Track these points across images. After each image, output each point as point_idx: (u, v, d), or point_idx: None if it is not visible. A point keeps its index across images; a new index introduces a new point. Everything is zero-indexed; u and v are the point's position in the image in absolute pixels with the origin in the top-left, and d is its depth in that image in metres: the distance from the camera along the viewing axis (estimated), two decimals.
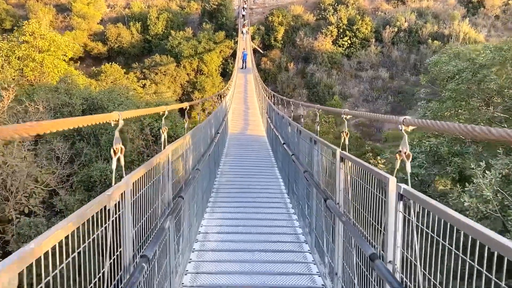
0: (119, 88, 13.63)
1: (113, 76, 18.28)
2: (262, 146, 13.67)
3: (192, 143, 5.26)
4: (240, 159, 11.47)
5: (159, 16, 45.10)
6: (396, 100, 35.79)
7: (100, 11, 47.87)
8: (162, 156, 3.58)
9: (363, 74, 38.38)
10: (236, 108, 21.45)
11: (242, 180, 9.11)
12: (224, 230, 5.93)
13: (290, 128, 7.72)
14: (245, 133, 16.56)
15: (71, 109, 11.29)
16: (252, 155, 12.25)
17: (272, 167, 10.40)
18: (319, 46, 39.61)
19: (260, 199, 7.64)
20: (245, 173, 9.80)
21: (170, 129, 9.71)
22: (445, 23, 39.26)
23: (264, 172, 9.93)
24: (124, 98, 12.69)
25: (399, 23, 39.99)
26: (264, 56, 41.43)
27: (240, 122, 18.70)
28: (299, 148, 6.47)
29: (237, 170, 10.05)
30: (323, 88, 36.64)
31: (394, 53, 38.81)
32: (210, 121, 8.00)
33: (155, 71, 37.68)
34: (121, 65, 43.57)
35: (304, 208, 5.74)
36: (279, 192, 8.15)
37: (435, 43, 37.14)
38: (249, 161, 11.22)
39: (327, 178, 4.30)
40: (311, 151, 5.26)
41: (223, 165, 10.26)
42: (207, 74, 39.01)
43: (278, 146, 9.66)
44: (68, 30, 46.01)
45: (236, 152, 12.39)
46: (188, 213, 4.84)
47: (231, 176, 9.25)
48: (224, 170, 9.79)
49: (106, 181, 10.08)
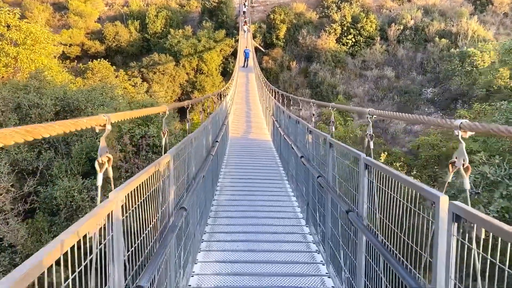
0: (101, 87, 12.13)
1: (101, 74, 16.63)
2: (268, 154, 12.14)
3: (176, 167, 3.67)
4: (243, 170, 9.84)
5: (158, 14, 44.00)
6: (403, 100, 34.62)
7: (97, 9, 46.80)
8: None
9: (368, 73, 37.19)
10: (238, 109, 20.22)
11: (245, 199, 7.48)
12: (223, 270, 4.62)
13: (311, 137, 5.92)
14: (248, 137, 15.12)
15: (41, 111, 9.52)
16: (257, 165, 10.58)
17: (281, 180, 8.95)
18: (322, 44, 38.44)
19: (269, 227, 6.05)
20: (249, 188, 8.22)
21: (156, 137, 8.22)
22: (453, 21, 38.06)
23: (272, 187, 8.36)
24: (107, 98, 11.23)
25: (405, 20, 38.80)
26: (265, 55, 40.27)
27: (242, 124, 17.33)
28: (334, 180, 4.53)
29: (240, 186, 8.43)
30: (327, 87, 35.48)
31: (400, 52, 37.61)
32: (207, 127, 6.51)
33: (154, 70, 36.59)
34: (119, 64, 42.89)
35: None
36: (294, 217, 6.53)
37: (443, 41, 35.95)
38: (254, 173, 9.56)
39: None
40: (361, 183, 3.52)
41: (223, 178, 8.85)
42: (207, 73, 37.89)
43: (289, 156, 8.29)
44: (65, 28, 44.99)
45: (238, 162, 10.75)
46: None
47: (232, 194, 7.77)
48: (224, 185, 8.36)
49: (73, 205, 8.05)
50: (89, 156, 8.39)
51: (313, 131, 5.24)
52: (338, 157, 4.24)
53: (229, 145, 12.82)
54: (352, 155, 3.71)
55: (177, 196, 3.71)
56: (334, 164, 4.42)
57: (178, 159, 3.70)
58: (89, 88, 11.95)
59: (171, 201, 3.38)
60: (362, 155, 3.40)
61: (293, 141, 7.78)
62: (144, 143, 8.05)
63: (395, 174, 2.68)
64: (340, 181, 4.20)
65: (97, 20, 47.36)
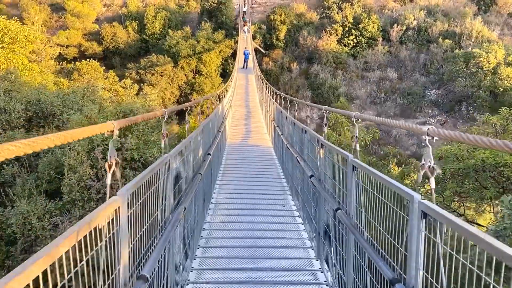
0: (82, 89, 11.07)
1: (90, 75, 15.56)
2: (269, 162, 10.92)
3: None
4: (241, 183, 8.60)
5: (157, 15, 43.33)
6: (406, 102, 33.90)
7: (95, 10, 46.15)
8: None
9: (370, 74, 36.48)
10: (237, 112, 19.33)
11: (244, 221, 6.31)
12: None
13: (323, 152, 4.66)
14: (247, 142, 14.03)
15: (9, 117, 8.27)
16: (257, 176, 9.33)
17: (283, 195, 7.85)
18: (323, 45, 37.72)
19: (271, 260, 4.93)
20: (247, 207, 6.98)
21: (135, 150, 7.01)
22: (456, 21, 37.35)
23: (274, 205, 7.19)
24: (88, 102, 10.15)
25: (408, 21, 38.08)
26: (265, 56, 39.56)
27: (240, 128, 16.29)
28: (359, 214, 3.70)
29: (237, 203, 7.21)
30: (328, 89, 34.75)
31: (402, 53, 36.89)
32: (197, 138, 5.40)
33: (151, 72, 35.89)
34: (117, 66, 42.23)
35: None
36: (301, 247, 5.38)
37: (446, 42, 35.23)
38: (253, 187, 8.28)
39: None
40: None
41: (217, 193, 7.67)
42: (206, 75, 37.17)
43: (294, 169, 7.25)
44: (62, 29, 44.35)
45: (236, 173, 9.52)
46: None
47: (228, 214, 6.61)
48: (219, 201, 7.19)
49: (31, 234, 6.48)
50: (59, 171, 6.88)
51: (327, 146, 4.33)
52: (367, 187, 3.11)
53: (227, 152, 11.80)
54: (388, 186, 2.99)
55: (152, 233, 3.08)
56: (359, 193, 3.37)
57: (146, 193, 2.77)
58: (70, 90, 10.90)
59: None
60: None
61: (298, 154, 6.58)
62: (120, 158, 5.95)
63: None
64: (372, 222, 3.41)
65: (95, 21, 46.69)
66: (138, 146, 6.71)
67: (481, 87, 29.65)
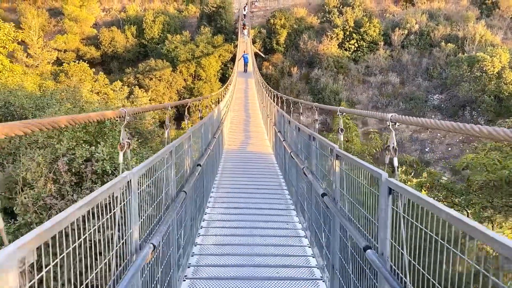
0: (61, 91, 10.28)
1: (78, 77, 14.74)
2: (270, 171, 9.96)
3: None
4: (239, 196, 7.66)
5: (155, 20, 42.86)
6: (408, 107, 33.27)
7: (93, 14, 45.71)
8: None
9: (372, 79, 35.89)
10: (236, 117, 18.60)
11: (241, 243, 5.41)
12: None
13: (338, 165, 3.85)
14: (246, 149, 13.15)
15: None
16: (256, 188, 8.35)
17: (287, 210, 6.90)
18: (324, 49, 37.16)
19: None
20: (245, 225, 6.04)
21: (107, 161, 5.22)
22: (459, 25, 36.81)
23: (277, 221, 6.27)
24: (68, 105, 9.21)
25: (409, 25, 37.55)
26: (265, 61, 39.00)
27: (239, 134, 15.45)
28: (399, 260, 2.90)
29: (233, 221, 6.27)
30: (329, 94, 34.16)
31: (404, 57, 36.31)
32: (182, 146, 4.38)
33: (150, 77, 35.32)
34: (115, 71, 41.67)
35: None
36: (310, 280, 4.38)
37: (449, 46, 34.67)
38: (252, 200, 7.35)
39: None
40: None
41: (211, 209, 6.75)
42: (205, 79, 36.61)
43: (298, 180, 6.34)
44: (61, 34, 43.87)
45: (233, 184, 8.57)
46: None
47: (224, 234, 5.68)
48: (213, 218, 6.31)
49: None
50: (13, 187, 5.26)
51: (344, 157, 3.49)
52: (411, 220, 2.31)
53: (224, 160, 10.97)
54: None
55: None
56: (397, 226, 2.48)
57: None
58: (48, 92, 10.11)
59: None
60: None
61: (305, 165, 5.61)
62: (90, 170, 5.23)
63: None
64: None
65: (93, 25, 46.25)
66: (112, 156, 5.44)
67: (485, 91, 29.03)
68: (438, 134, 31.26)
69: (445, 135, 31.05)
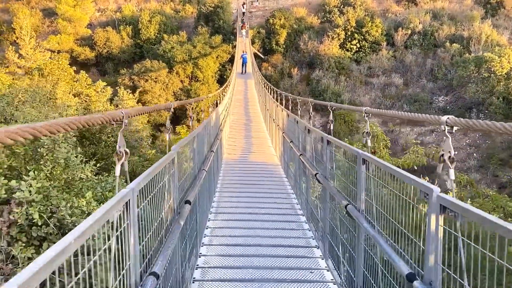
0: (18, 91, 8.77)
1: (56, 76, 13.31)
2: (279, 189, 8.12)
3: None
4: (241, 227, 5.86)
5: (152, 20, 41.72)
6: (412, 109, 32.12)
7: (87, 14, 44.49)
8: None
9: (374, 80, 34.80)
10: (235, 121, 17.19)
11: None
12: None
13: None
14: (248, 159, 11.35)
15: None
16: (263, 211, 6.50)
17: (308, 247, 5.16)
18: (325, 50, 36.07)
19: None
20: (256, 275, 4.39)
21: (38, 203, 3.98)
22: (464, 25, 35.80)
23: (296, 268, 4.59)
24: (26, 109, 7.73)
25: (413, 25, 36.51)
26: (265, 62, 37.89)
27: (240, 141, 13.88)
28: None
29: (236, 267, 4.64)
30: (331, 95, 33.03)
31: (408, 58, 35.24)
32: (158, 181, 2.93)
33: (145, 78, 34.17)
34: (110, 72, 40.49)
35: None
36: None
37: (454, 46, 33.62)
38: (259, 231, 5.63)
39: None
40: None
41: (207, 247, 5.13)
42: (202, 81, 35.45)
43: (325, 212, 4.70)
44: (54, 35, 42.67)
45: (234, 207, 6.80)
46: None
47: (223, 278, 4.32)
48: (209, 260, 4.73)
49: None
50: None
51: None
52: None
53: (223, 173, 9.36)
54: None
55: None
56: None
57: None
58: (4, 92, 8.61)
59: None
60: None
61: (342, 195, 3.99)
62: (7, 219, 3.41)
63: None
64: None
65: (88, 26, 45.07)
66: (47, 194, 3.63)
67: (493, 93, 27.97)
68: (444, 138, 30.15)
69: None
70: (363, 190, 3.37)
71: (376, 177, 3.03)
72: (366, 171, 3.28)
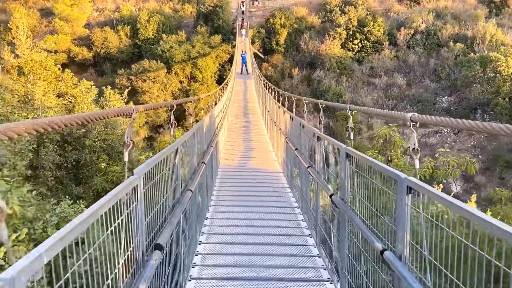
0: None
1: (37, 75, 12.43)
2: (281, 201, 7.33)
3: None
4: (240, 251, 5.04)
5: (150, 19, 41.10)
6: (416, 110, 31.44)
7: (85, 13, 43.87)
8: None
9: (377, 80, 34.18)
10: (233, 123, 16.36)
11: None
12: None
13: None
14: (247, 166, 10.50)
15: None
16: (263, 231, 5.67)
17: (314, 269, 4.49)
18: (326, 50, 35.43)
19: None
20: None
21: None
22: (467, 24, 35.15)
23: None
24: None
25: (416, 24, 35.86)
26: (265, 62, 37.25)
27: (238, 145, 13.05)
28: None
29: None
30: (332, 96, 32.40)
31: (410, 58, 34.60)
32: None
33: (143, 78, 33.55)
34: (108, 72, 39.84)
35: None
36: None
37: (458, 46, 32.97)
38: (259, 255, 4.86)
39: None
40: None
41: (199, 271, 4.34)
42: (201, 81, 34.83)
43: (342, 233, 3.90)
44: (51, 35, 42.05)
45: (231, 225, 5.95)
46: None
47: None
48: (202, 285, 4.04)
49: None
50: None
51: None
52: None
53: (219, 181, 8.58)
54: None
55: None
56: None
57: None
58: None
59: None
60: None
61: (364, 225, 3.27)
62: None
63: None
64: None
65: (86, 25, 44.48)
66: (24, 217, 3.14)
67: (499, 93, 27.30)
68: (448, 139, 29.54)
69: (455, 139, 29.32)
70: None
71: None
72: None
